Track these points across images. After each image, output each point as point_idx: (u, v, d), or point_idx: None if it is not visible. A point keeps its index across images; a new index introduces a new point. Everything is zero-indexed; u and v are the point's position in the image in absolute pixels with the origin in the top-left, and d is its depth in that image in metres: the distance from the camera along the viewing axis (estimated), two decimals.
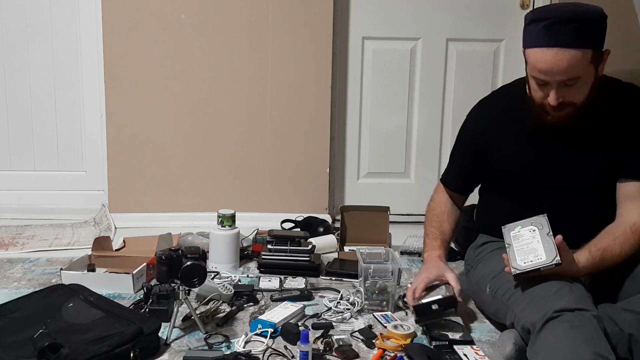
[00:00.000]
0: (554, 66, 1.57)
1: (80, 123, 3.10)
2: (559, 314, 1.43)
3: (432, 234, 1.96)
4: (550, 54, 1.57)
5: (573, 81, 1.59)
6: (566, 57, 1.55)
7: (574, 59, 1.56)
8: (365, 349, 1.71)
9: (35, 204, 3.07)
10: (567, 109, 1.64)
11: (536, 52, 1.60)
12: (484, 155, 1.87)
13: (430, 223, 1.99)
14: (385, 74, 3.08)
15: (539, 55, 1.59)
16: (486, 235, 1.94)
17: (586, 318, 1.43)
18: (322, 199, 3.03)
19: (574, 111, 1.65)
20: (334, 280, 2.23)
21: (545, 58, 1.58)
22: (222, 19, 2.89)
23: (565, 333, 1.40)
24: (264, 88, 2.94)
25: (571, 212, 1.77)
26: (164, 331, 1.72)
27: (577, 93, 1.62)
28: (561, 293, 1.51)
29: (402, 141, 3.14)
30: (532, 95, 1.71)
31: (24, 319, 1.69)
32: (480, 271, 1.85)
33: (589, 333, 1.40)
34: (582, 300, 1.50)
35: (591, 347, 1.37)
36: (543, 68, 1.59)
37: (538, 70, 1.61)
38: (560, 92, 1.61)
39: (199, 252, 1.75)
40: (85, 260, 2.21)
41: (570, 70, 1.57)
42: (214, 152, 2.98)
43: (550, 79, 1.60)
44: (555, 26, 1.56)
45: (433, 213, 2.01)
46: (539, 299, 1.52)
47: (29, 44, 3.03)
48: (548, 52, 1.57)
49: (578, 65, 1.57)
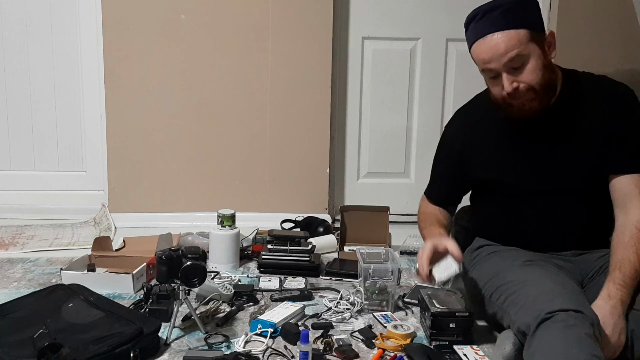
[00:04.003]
0: (493, 51, 1.62)
1: (80, 123, 3.11)
2: (552, 315, 1.43)
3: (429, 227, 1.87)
4: (487, 42, 1.63)
5: (518, 62, 1.61)
6: (501, 39, 1.61)
7: (508, 39, 1.60)
8: (365, 349, 1.71)
9: (35, 204, 3.07)
10: (526, 94, 1.64)
11: (476, 46, 1.66)
12: (467, 165, 1.86)
13: (424, 224, 1.92)
14: (385, 74, 3.08)
15: (479, 48, 1.65)
16: (482, 239, 1.93)
17: (580, 318, 1.42)
18: (322, 199, 3.03)
19: (535, 96, 1.65)
20: (334, 280, 2.23)
21: (483, 48, 1.64)
22: (222, 19, 2.89)
23: (559, 333, 1.40)
24: (264, 88, 2.94)
25: (561, 215, 1.76)
26: (164, 331, 1.72)
27: (529, 75, 1.63)
28: (554, 294, 1.50)
29: (402, 141, 3.14)
30: (493, 96, 1.72)
31: (24, 319, 1.69)
32: (476, 274, 1.84)
33: (583, 333, 1.39)
34: (576, 300, 1.49)
35: (586, 348, 1.37)
36: (486, 57, 1.64)
37: (483, 62, 1.65)
38: (511, 77, 1.63)
39: (199, 252, 1.75)
40: (85, 260, 2.22)
41: (510, 49, 1.60)
42: (213, 152, 2.98)
43: (495, 65, 1.63)
44: (483, 19, 1.64)
45: (425, 216, 1.95)
46: (533, 300, 1.52)
47: (29, 44, 3.04)
48: (484, 41, 1.63)
49: (516, 44, 1.60)
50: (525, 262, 1.72)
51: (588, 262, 1.76)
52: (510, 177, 1.79)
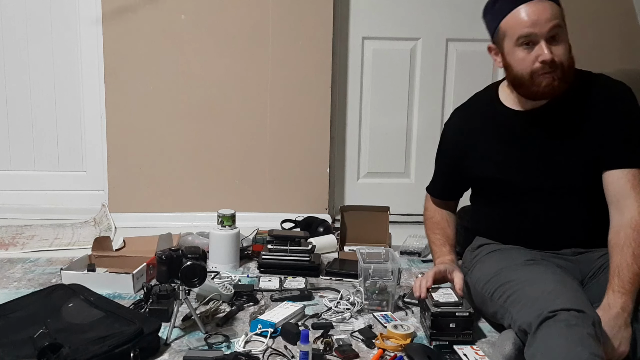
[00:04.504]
0: (539, 14, 1.62)
1: (80, 123, 3.11)
2: (554, 314, 1.43)
3: (439, 240, 1.96)
4: (533, 6, 1.63)
5: (557, 32, 1.63)
6: (548, 4, 1.64)
7: (553, 7, 1.64)
8: (365, 349, 1.70)
9: (35, 204, 3.07)
10: (556, 71, 1.65)
11: (518, 11, 1.65)
12: (466, 163, 1.88)
13: (433, 231, 2.00)
14: (385, 74, 3.08)
15: (523, 12, 1.64)
16: (482, 238, 1.94)
17: (581, 318, 1.42)
18: (322, 199, 3.03)
19: (562, 75, 1.65)
20: (334, 280, 2.23)
21: (529, 10, 1.63)
22: (222, 19, 2.89)
23: (561, 333, 1.40)
24: (264, 88, 2.94)
25: (560, 213, 1.76)
26: (164, 331, 1.71)
27: (563, 51, 1.65)
28: (556, 293, 1.50)
29: (402, 141, 3.14)
30: (519, 70, 1.69)
31: (24, 319, 1.69)
32: (477, 273, 1.84)
33: (585, 333, 1.39)
34: (578, 300, 1.49)
35: (587, 348, 1.36)
36: (531, 20, 1.63)
37: (525, 26, 1.64)
38: (549, 46, 1.63)
39: (199, 252, 1.75)
40: (85, 260, 2.21)
41: (554, 17, 1.63)
42: (214, 152, 2.98)
43: (539, 30, 1.62)
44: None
45: (433, 221, 2.02)
46: (535, 299, 1.52)
47: (29, 43, 3.04)
48: (530, 6, 1.64)
49: (558, 15, 1.64)
50: (527, 261, 1.72)
51: (588, 261, 1.76)
52: (508, 175, 1.80)
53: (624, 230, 1.63)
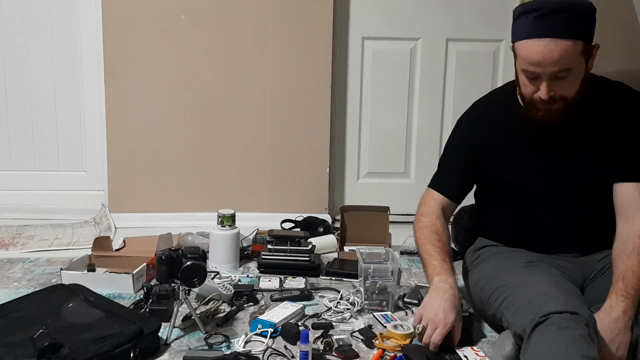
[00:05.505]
0: (545, 57, 1.54)
1: (80, 123, 3.11)
2: (546, 318, 1.42)
3: (439, 255, 1.77)
4: (542, 45, 1.54)
5: (564, 73, 1.56)
6: (557, 47, 1.53)
7: (565, 50, 1.53)
8: (365, 349, 1.71)
9: (35, 204, 3.07)
10: (558, 103, 1.61)
11: (527, 43, 1.57)
12: (480, 161, 1.82)
13: (431, 241, 1.81)
14: (385, 74, 3.08)
15: (531, 47, 1.56)
16: (484, 239, 1.92)
17: (574, 320, 1.41)
18: (322, 199, 3.03)
19: (564, 106, 1.62)
20: (334, 280, 2.23)
21: (536, 49, 1.55)
22: (222, 19, 2.89)
23: (552, 336, 1.39)
24: (264, 88, 2.94)
25: (568, 218, 1.75)
26: (164, 331, 1.72)
27: (568, 87, 1.59)
28: (548, 296, 1.49)
29: (402, 141, 3.14)
30: (521, 92, 1.67)
31: (24, 319, 1.69)
32: (477, 275, 1.84)
33: (577, 334, 1.38)
34: (570, 301, 1.47)
35: (579, 350, 1.36)
36: (535, 59, 1.56)
37: (529, 63, 1.58)
38: (551, 86, 1.58)
39: (199, 252, 1.75)
40: (85, 260, 2.22)
41: (562, 61, 1.54)
42: (213, 152, 2.98)
43: (541, 70, 1.57)
44: (545, 17, 1.54)
45: (433, 229, 1.83)
46: (528, 303, 1.51)
47: (29, 43, 3.03)
48: (539, 43, 1.54)
49: (569, 56, 1.54)
50: (525, 263, 1.72)
51: (590, 263, 1.76)
52: (521, 179, 1.77)
53: (632, 239, 1.62)
